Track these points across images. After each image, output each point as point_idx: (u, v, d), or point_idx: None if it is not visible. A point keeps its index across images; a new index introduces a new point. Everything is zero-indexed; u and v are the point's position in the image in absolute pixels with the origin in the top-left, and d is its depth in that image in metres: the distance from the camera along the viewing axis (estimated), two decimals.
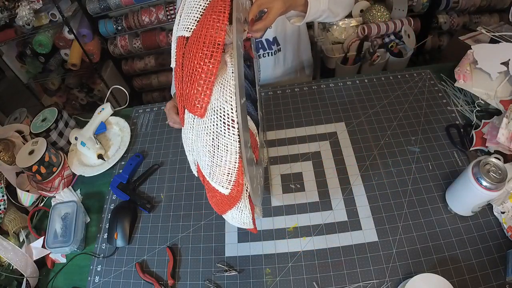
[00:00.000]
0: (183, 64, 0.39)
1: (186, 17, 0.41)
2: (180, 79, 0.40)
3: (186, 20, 0.41)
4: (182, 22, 0.41)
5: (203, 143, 0.41)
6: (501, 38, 0.84)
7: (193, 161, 0.50)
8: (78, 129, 0.94)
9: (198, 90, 0.38)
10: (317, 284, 0.61)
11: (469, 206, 0.61)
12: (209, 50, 0.37)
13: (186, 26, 0.40)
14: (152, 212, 0.77)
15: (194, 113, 0.39)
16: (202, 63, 0.37)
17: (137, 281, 0.67)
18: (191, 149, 0.46)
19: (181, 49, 0.40)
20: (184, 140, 0.46)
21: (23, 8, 1.60)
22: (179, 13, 0.43)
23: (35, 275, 0.72)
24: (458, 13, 1.85)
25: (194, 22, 0.40)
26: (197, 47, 0.37)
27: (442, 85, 0.86)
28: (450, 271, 0.58)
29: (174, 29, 0.43)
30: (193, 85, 0.38)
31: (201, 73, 0.37)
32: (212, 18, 0.37)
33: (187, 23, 0.40)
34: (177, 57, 0.40)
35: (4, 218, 0.79)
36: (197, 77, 0.37)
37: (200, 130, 0.40)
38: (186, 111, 0.41)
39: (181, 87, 0.40)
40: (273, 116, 0.89)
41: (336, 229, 0.66)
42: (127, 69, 2.15)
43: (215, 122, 0.38)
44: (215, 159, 0.41)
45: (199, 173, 0.51)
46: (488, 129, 0.70)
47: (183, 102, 0.41)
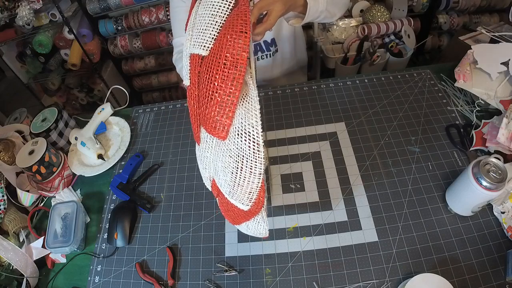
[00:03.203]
0: (199, 83, 0.38)
1: (200, 33, 0.38)
2: (196, 99, 0.38)
3: (201, 37, 0.38)
4: (196, 39, 0.38)
5: (225, 164, 0.40)
6: (501, 38, 0.84)
7: (208, 177, 0.48)
8: (78, 129, 0.94)
9: (219, 113, 0.36)
10: (317, 284, 0.61)
11: (469, 206, 0.61)
12: (231, 73, 0.35)
13: (202, 44, 0.38)
14: (152, 212, 0.77)
15: (214, 135, 0.38)
16: (223, 85, 0.35)
17: (137, 281, 0.67)
18: (207, 166, 0.45)
19: (196, 67, 0.38)
20: (199, 158, 0.45)
21: (23, 8, 1.60)
22: (189, 27, 0.41)
23: (35, 275, 0.72)
24: (458, 13, 1.85)
25: (211, 40, 0.38)
26: (216, 68, 0.36)
27: (442, 85, 0.86)
28: (450, 271, 0.58)
29: (187, 45, 0.40)
30: (214, 107, 0.36)
31: (222, 95, 0.35)
32: (232, 38, 0.35)
33: (203, 41, 0.38)
34: (192, 76, 0.38)
35: (4, 218, 0.79)
36: (217, 99, 0.36)
37: (221, 151, 0.39)
38: (203, 131, 0.40)
39: (198, 106, 0.38)
40: (273, 116, 0.89)
41: (336, 229, 0.66)
42: (127, 69, 2.15)
43: (239, 145, 0.37)
44: (238, 179, 0.40)
45: (213, 188, 0.49)
46: (488, 129, 0.70)
47: (200, 121, 0.39)
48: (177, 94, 2.28)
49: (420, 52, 1.92)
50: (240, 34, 0.35)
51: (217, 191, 0.47)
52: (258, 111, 0.36)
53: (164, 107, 1.00)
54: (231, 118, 0.36)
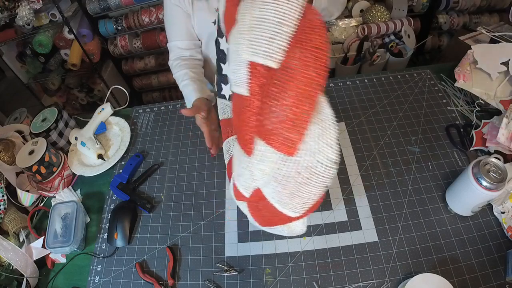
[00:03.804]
0: (262, 96, 0.36)
1: (265, 41, 0.34)
2: (257, 111, 0.36)
3: (266, 46, 0.34)
4: (259, 47, 0.34)
5: (288, 178, 0.39)
6: (501, 38, 0.84)
7: (251, 187, 0.46)
8: (78, 129, 0.94)
9: (290, 129, 0.35)
10: (317, 284, 0.61)
11: (469, 206, 0.61)
12: (306, 90, 0.33)
13: (269, 54, 0.34)
14: (152, 212, 0.77)
15: (281, 151, 0.37)
16: (298, 102, 0.34)
17: (137, 281, 0.67)
18: (259, 178, 0.42)
19: (258, 77, 0.35)
20: (242, 168, 0.43)
21: (23, 8, 1.60)
22: (238, 30, 0.35)
23: (35, 275, 0.72)
24: (458, 13, 1.85)
25: (280, 51, 0.34)
26: (289, 83, 0.34)
27: (442, 85, 0.86)
28: (450, 271, 0.58)
29: (241, 49, 0.36)
30: (284, 123, 0.35)
31: (296, 112, 0.34)
32: (310, 54, 0.33)
33: (270, 51, 0.34)
34: (252, 86, 0.36)
35: (4, 218, 0.79)
36: (289, 116, 0.34)
37: (285, 166, 0.38)
38: (260, 143, 0.38)
39: (258, 119, 0.36)
40: None
41: (336, 229, 0.66)
42: (127, 69, 2.15)
43: (311, 162, 0.36)
44: (300, 193, 0.39)
45: (253, 196, 0.48)
46: (488, 129, 0.70)
47: (259, 134, 0.37)
48: (177, 94, 2.28)
49: (420, 52, 1.92)
50: (318, 51, 0.33)
51: (258, 198, 0.46)
52: (335, 130, 0.36)
53: (164, 107, 1.00)
54: (303, 136, 0.35)
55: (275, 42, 0.34)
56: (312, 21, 0.34)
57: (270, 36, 0.34)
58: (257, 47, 0.34)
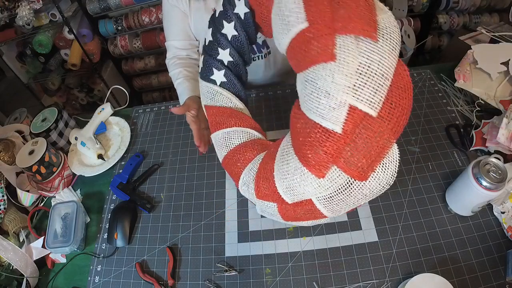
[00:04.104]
0: (353, 135, 0.38)
1: (369, 90, 0.36)
2: (343, 146, 0.39)
3: (372, 96, 0.36)
4: (364, 95, 0.36)
5: (348, 196, 0.43)
6: (501, 38, 0.84)
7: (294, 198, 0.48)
8: (78, 129, 0.94)
9: (368, 163, 0.40)
10: (317, 284, 0.61)
11: (469, 206, 0.61)
12: (389, 138, 0.39)
13: (371, 103, 0.37)
14: (152, 212, 0.77)
15: (354, 177, 0.41)
16: (383, 146, 0.39)
17: (137, 281, 0.67)
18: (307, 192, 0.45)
19: (355, 120, 0.37)
20: (291, 182, 0.45)
21: (23, 8, 1.60)
22: (340, 68, 0.36)
23: (35, 275, 0.72)
24: (458, 13, 1.85)
25: (381, 103, 0.37)
26: (380, 131, 0.38)
27: (442, 85, 0.86)
28: (450, 271, 0.58)
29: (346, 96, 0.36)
30: (366, 158, 0.39)
31: (377, 152, 0.39)
32: (400, 109, 0.38)
33: (372, 100, 0.36)
34: (347, 125, 0.37)
35: (4, 218, 0.79)
36: (372, 153, 0.39)
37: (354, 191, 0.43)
38: (335, 169, 0.41)
39: (342, 150, 0.39)
40: (273, 116, 0.89)
41: (336, 229, 0.66)
42: (127, 69, 2.15)
43: (375, 186, 0.43)
44: (351, 204, 0.45)
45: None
46: (488, 129, 0.70)
47: (336, 162, 0.40)
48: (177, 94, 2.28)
49: (420, 52, 1.92)
50: (405, 110, 0.38)
51: (303, 204, 0.49)
52: (397, 164, 0.42)
53: (164, 107, 1.00)
54: (376, 168, 0.41)
55: (378, 94, 0.37)
56: (402, 77, 0.39)
57: (375, 87, 0.36)
58: (362, 94, 0.36)
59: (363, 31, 0.36)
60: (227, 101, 0.61)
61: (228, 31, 0.57)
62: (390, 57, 0.38)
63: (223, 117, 0.59)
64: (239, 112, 0.61)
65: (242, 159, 0.56)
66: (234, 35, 0.57)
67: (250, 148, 0.57)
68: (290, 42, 0.41)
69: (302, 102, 0.41)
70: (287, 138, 0.49)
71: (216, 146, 0.61)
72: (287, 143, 0.47)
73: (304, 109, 0.41)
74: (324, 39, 0.37)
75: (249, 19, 0.55)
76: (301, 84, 0.41)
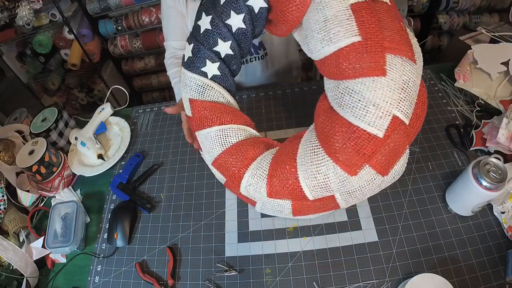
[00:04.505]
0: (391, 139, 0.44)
1: (407, 104, 0.43)
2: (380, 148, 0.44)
3: (407, 107, 0.43)
4: (404, 107, 0.43)
5: (369, 189, 0.50)
6: (501, 38, 0.84)
7: (317, 195, 0.50)
8: (78, 129, 0.94)
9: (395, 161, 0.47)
10: (317, 284, 0.61)
11: (469, 206, 0.61)
12: (410, 142, 0.47)
13: (408, 115, 0.43)
14: (152, 212, 0.77)
15: (380, 173, 0.47)
16: (406, 146, 0.47)
17: (137, 281, 0.67)
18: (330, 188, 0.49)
19: (394, 128, 0.43)
20: (319, 180, 0.48)
21: (23, 8, 1.60)
22: (388, 82, 0.41)
23: (35, 275, 0.72)
24: (458, 13, 1.85)
25: (411, 113, 0.45)
26: (407, 135, 0.45)
27: (442, 85, 0.86)
28: (450, 271, 0.58)
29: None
30: (394, 157, 0.46)
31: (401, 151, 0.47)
32: (422, 120, 0.47)
33: (408, 112, 0.44)
34: (387, 130, 0.44)
35: (4, 218, 0.79)
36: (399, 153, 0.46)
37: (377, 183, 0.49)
38: (367, 167, 0.46)
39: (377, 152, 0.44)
40: (273, 116, 0.89)
41: (336, 229, 0.66)
42: (127, 69, 2.15)
43: (390, 179, 0.51)
44: (367, 195, 0.52)
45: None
46: (488, 129, 0.70)
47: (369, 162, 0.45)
48: None
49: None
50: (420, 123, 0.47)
51: (324, 199, 0.51)
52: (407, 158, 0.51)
53: (164, 107, 1.00)
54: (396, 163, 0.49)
55: (411, 106, 0.44)
56: (422, 93, 0.47)
57: (410, 100, 0.43)
58: (403, 107, 0.42)
59: (407, 54, 0.43)
60: (218, 96, 0.58)
61: (234, 23, 0.52)
62: (419, 77, 0.45)
63: (216, 113, 0.56)
64: (233, 108, 0.59)
65: (243, 158, 0.54)
66: (241, 28, 0.53)
67: (252, 147, 0.55)
68: (336, 51, 0.43)
69: (341, 108, 0.45)
70: (309, 139, 0.50)
71: (205, 145, 0.57)
72: (312, 143, 0.49)
73: (344, 115, 0.44)
74: (377, 56, 0.41)
75: (263, 14, 0.52)
76: (340, 91, 0.45)
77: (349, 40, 0.42)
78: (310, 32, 0.46)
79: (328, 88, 0.49)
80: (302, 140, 0.52)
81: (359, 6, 0.42)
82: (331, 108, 0.48)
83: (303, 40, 0.51)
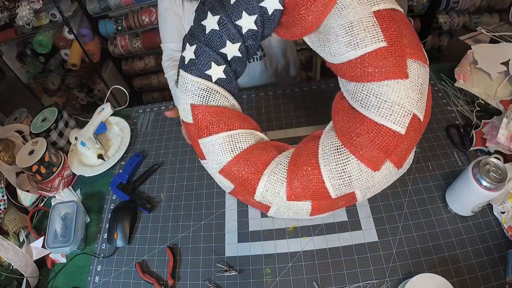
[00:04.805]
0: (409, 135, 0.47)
1: (422, 103, 0.47)
2: (400, 143, 0.47)
3: (422, 106, 0.47)
4: (421, 107, 0.47)
5: (386, 183, 0.52)
6: (501, 38, 0.84)
7: (339, 193, 0.51)
8: (78, 129, 0.94)
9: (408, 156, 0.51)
10: (317, 284, 0.61)
11: (469, 206, 0.61)
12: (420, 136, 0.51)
13: (422, 111, 0.48)
14: (152, 212, 0.77)
15: (396, 166, 0.50)
16: (417, 141, 0.51)
17: (137, 281, 0.67)
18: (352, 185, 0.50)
19: (412, 125, 0.47)
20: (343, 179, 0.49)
21: (23, 8, 1.60)
22: (410, 84, 0.45)
23: (35, 275, 0.72)
24: (458, 13, 1.85)
25: (424, 111, 0.49)
26: (420, 131, 0.49)
27: (442, 85, 0.86)
28: (450, 271, 0.58)
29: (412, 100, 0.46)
30: (407, 152, 0.50)
31: (413, 148, 0.52)
32: (429, 116, 0.51)
33: (423, 109, 0.48)
34: (408, 128, 0.47)
35: (4, 218, 0.79)
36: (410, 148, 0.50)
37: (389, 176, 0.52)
38: (388, 162, 0.48)
39: (398, 147, 0.48)
40: (273, 116, 0.89)
41: (336, 229, 0.66)
42: (127, 69, 2.15)
43: (402, 171, 0.53)
44: (383, 187, 0.53)
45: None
46: (488, 129, 0.70)
47: (389, 157, 0.48)
48: None
49: None
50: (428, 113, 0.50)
51: (346, 196, 0.52)
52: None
53: (164, 107, 1.00)
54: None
55: (424, 105, 0.48)
56: (429, 93, 0.51)
57: (424, 100, 0.48)
58: (420, 106, 0.47)
59: (422, 59, 0.47)
60: (223, 100, 0.55)
61: (245, 24, 0.50)
62: (428, 79, 0.49)
63: (223, 118, 0.54)
64: (239, 112, 0.58)
65: (256, 164, 0.53)
66: (252, 29, 0.51)
67: (264, 152, 0.54)
68: (362, 55, 0.46)
69: (366, 109, 0.47)
70: (330, 139, 0.52)
71: (211, 152, 0.54)
72: (334, 143, 0.51)
73: (370, 115, 0.47)
74: (400, 60, 0.45)
75: (277, 16, 0.50)
76: (365, 92, 0.47)
77: (376, 45, 0.45)
78: (333, 36, 0.48)
79: (348, 90, 0.51)
80: (321, 141, 0.53)
81: (382, 13, 0.45)
82: (352, 108, 0.50)
83: (321, 44, 0.51)
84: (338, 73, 0.52)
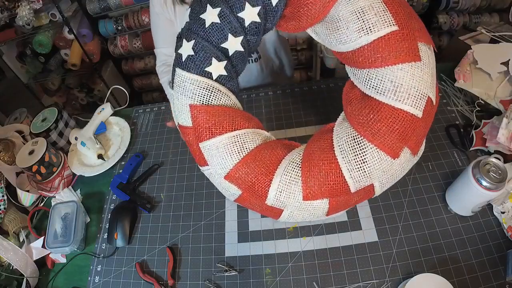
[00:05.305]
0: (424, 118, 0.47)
1: (434, 85, 0.48)
2: (417, 127, 0.47)
3: (434, 89, 0.48)
4: (433, 88, 0.48)
5: (403, 171, 0.52)
6: (501, 38, 0.84)
7: (359, 185, 0.49)
8: (78, 129, 0.94)
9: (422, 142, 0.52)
10: (317, 284, 0.61)
11: (469, 206, 0.61)
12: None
13: (434, 94, 0.48)
14: (152, 212, 0.77)
15: (413, 153, 0.49)
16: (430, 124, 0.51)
17: (137, 281, 0.67)
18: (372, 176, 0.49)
19: (427, 108, 0.46)
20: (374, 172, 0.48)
21: (23, 8, 1.59)
22: (422, 67, 0.46)
23: (35, 275, 0.72)
24: (458, 13, 1.85)
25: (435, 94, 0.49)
26: (432, 114, 0.49)
27: (442, 85, 0.86)
28: (450, 271, 0.58)
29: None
30: (422, 139, 0.50)
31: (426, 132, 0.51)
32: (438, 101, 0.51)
33: (435, 92, 0.48)
34: (424, 110, 0.47)
35: (4, 218, 0.79)
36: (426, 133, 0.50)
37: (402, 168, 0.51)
38: (406, 149, 0.48)
39: (414, 133, 0.47)
40: (273, 116, 0.89)
41: (336, 229, 0.66)
42: (127, 69, 2.15)
43: (416, 159, 0.53)
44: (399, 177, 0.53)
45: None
46: (488, 129, 0.70)
47: (407, 144, 0.48)
48: None
49: None
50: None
51: (363, 190, 0.51)
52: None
53: (164, 107, 1.00)
54: None
55: (435, 88, 0.48)
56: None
57: (434, 83, 0.48)
58: (433, 88, 0.47)
59: (431, 42, 0.48)
60: (225, 99, 0.51)
61: (248, 16, 0.47)
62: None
63: (226, 118, 0.50)
64: (243, 111, 0.54)
65: (266, 165, 0.49)
66: (255, 21, 0.48)
67: (273, 150, 0.51)
68: (375, 40, 0.45)
69: (382, 94, 0.46)
70: (344, 130, 0.50)
71: (215, 156, 0.50)
72: (350, 134, 0.49)
73: (387, 100, 0.46)
74: (412, 43, 0.45)
75: (280, 8, 0.48)
76: (379, 78, 0.46)
77: (389, 29, 0.44)
78: (343, 23, 0.47)
79: (360, 77, 0.49)
80: (335, 133, 0.51)
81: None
82: (366, 96, 0.49)
83: (329, 33, 0.49)
84: (347, 62, 0.50)
